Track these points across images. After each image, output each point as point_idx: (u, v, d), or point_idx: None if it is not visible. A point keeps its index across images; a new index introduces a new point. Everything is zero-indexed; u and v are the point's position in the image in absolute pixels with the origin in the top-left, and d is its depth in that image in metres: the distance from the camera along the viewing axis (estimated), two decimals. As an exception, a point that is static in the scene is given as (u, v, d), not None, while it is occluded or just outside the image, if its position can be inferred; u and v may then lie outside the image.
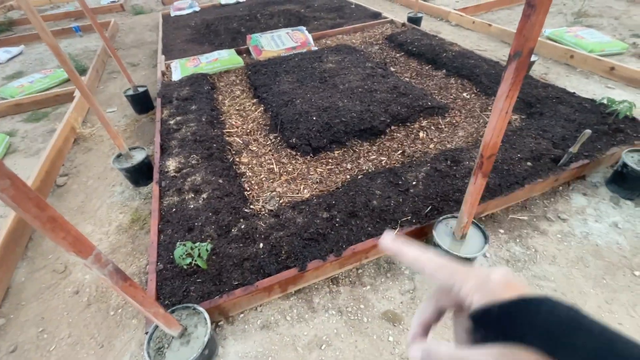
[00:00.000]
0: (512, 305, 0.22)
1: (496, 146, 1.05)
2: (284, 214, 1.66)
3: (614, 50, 3.16)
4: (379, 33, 3.84)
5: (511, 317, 0.22)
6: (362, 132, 2.23)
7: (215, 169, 1.97)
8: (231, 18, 4.67)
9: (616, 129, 1.98)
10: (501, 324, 0.22)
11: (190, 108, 2.57)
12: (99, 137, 2.74)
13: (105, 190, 2.17)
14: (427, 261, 0.29)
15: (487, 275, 0.26)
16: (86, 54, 4.57)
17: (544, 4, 0.75)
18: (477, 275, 0.26)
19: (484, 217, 1.72)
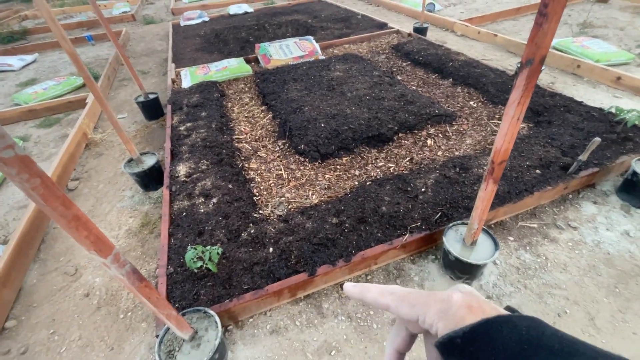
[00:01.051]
0: (474, 331, 0.23)
1: (507, 152, 1.06)
2: (293, 219, 1.67)
3: (620, 60, 3.17)
4: (385, 43, 3.89)
5: (475, 343, 0.22)
6: (369, 139, 2.25)
7: (225, 174, 1.99)
8: (240, 28, 4.77)
9: (625, 138, 1.98)
10: (467, 352, 0.22)
11: (200, 115, 2.62)
12: (109, 142, 2.78)
13: (115, 195, 2.20)
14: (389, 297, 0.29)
15: (449, 298, 0.26)
16: (98, 62, 4.68)
17: (557, 13, 0.77)
18: (438, 300, 0.26)
19: (493, 224, 1.71)
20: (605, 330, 1.28)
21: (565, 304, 1.38)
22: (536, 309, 1.37)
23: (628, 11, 4.55)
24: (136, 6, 7.77)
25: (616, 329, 1.29)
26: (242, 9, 6.11)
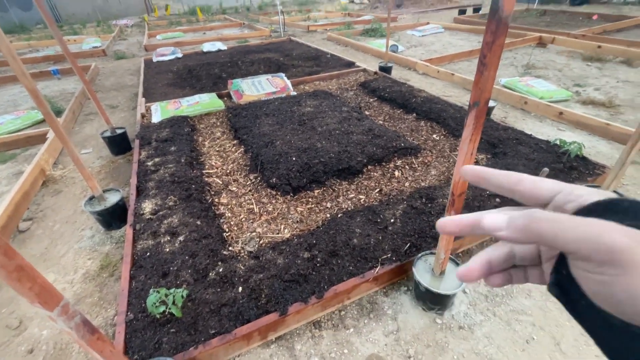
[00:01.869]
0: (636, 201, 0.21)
1: (465, 185, 1.12)
2: (264, 255, 1.63)
3: (561, 97, 3.55)
4: (353, 80, 4.12)
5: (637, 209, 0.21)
6: (340, 171, 2.31)
7: (194, 210, 1.94)
8: (213, 64, 4.88)
9: (570, 167, 2.17)
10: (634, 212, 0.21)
11: (170, 149, 2.58)
12: (70, 178, 2.64)
13: (73, 235, 2.05)
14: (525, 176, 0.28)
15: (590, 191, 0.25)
16: (63, 95, 4.55)
17: (494, 63, 0.87)
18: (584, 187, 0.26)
19: (460, 252, 1.77)
20: (571, 355, 1.32)
21: (532, 330, 1.41)
22: (506, 337, 1.39)
23: (563, 55, 5.17)
24: (108, 42, 7.78)
25: (581, 353, 1.33)
26: (216, 47, 6.30)
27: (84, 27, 11.29)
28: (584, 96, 3.62)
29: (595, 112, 3.26)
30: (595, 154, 2.57)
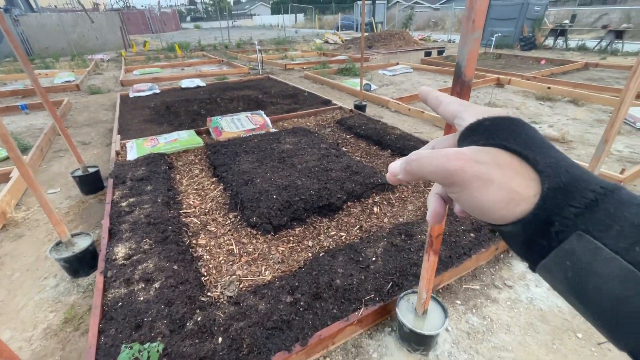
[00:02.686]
0: (500, 118, 0.26)
1: (441, 227, 1.18)
2: (245, 300, 1.58)
3: (521, 134, 3.86)
4: (330, 117, 4.29)
5: (499, 127, 0.25)
6: (321, 208, 2.33)
7: (170, 253, 1.87)
8: (192, 101, 4.93)
9: (535, 201, 2.33)
10: (489, 131, 0.26)
11: (145, 189, 2.51)
12: (34, 221, 2.49)
13: (34, 285, 1.90)
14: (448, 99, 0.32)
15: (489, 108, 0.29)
16: (30, 131, 4.38)
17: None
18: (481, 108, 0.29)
19: (441, 288, 1.80)
20: (552, 391, 1.34)
21: None
22: (490, 376, 1.40)
23: (519, 94, 5.70)
24: (82, 76, 7.70)
25: (561, 388, 1.35)
26: (195, 83, 6.39)
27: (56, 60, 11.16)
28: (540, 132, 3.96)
29: (551, 148, 3.56)
30: (556, 187, 2.78)
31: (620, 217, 0.20)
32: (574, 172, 0.22)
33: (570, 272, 0.21)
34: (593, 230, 0.20)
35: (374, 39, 13.48)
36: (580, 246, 0.20)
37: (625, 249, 0.19)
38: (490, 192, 0.23)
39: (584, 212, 0.21)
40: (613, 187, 0.21)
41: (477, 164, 0.24)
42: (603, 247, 0.19)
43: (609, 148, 1.63)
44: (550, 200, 0.22)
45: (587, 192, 0.21)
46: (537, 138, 0.25)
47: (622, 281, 0.18)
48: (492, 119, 0.26)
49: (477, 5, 0.81)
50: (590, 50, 10.72)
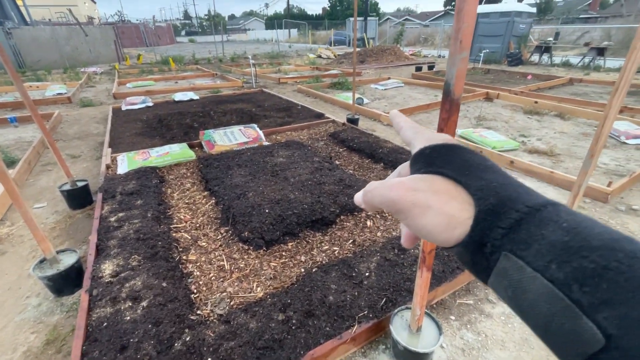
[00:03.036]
0: (439, 146, 0.28)
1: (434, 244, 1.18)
2: (236, 318, 1.54)
3: (510, 147, 3.93)
4: (323, 131, 4.32)
5: (437, 154, 0.27)
6: (314, 222, 2.32)
7: (159, 270, 1.82)
8: (185, 114, 4.93)
9: (526, 214, 2.35)
10: (429, 159, 0.28)
11: (135, 203, 2.47)
12: (18, 237, 2.41)
13: (15, 304, 1.82)
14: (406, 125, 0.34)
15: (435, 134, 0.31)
16: (19, 144, 4.31)
17: (451, 128, 0.98)
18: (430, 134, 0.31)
19: (435, 304, 1.78)
20: (549, 409, 1.32)
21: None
22: (486, 394, 1.37)
23: (508, 108, 5.84)
24: (74, 89, 7.66)
25: None
26: (188, 96, 6.41)
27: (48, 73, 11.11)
28: (529, 146, 4.05)
29: (540, 160, 3.62)
30: (545, 200, 2.81)
31: (539, 235, 0.20)
32: (503, 193, 0.23)
33: (510, 290, 0.21)
34: (517, 250, 0.21)
35: (366, 54, 13.78)
36: (509, 266, 0.21)
37: (544, 266, 0.19)
38: (429, 217, 0.25)
39: (509, 232, 0.21)
40: (539, 205, 0.22)
41: (415, 192, 0.25)
42: (526, 266, 0.20)
43: (596, 162, 1.66)
44: (481, 222, 0.23)
45: (512, 212, 0.22)
46: (473, 162, 0.26)
47: (546, 299, 0.19)
48: (432, 147, 0.28)
49: (464, 26, 0.83)
50: (574, 66, 11.11)
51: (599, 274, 0.17)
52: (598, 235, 0.19)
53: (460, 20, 0.82)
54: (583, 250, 0.18)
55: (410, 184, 0.26)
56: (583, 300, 0.17)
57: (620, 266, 0.17)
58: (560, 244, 0.19)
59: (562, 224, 0.20)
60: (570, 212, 0.21)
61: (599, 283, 0.17)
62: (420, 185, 0.26)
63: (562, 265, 0.19)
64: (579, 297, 0.18)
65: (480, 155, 0.27)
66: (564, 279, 0.18)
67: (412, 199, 0.25)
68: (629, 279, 0.17)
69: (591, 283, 0.17)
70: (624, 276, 0.17)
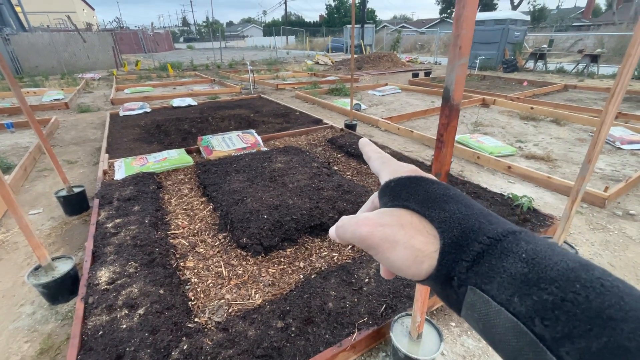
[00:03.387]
0: (403, 179, 0.29)
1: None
2: (234, 326, 1.52)
3: (507, 152, 3.96)
4: (321, 136, 4.33)
5: (401, 187, 0.28)
6: (312, 228, 2.31)
7: (157, 277, 1.80)
8: (182, 119, 4.92)
9: (524, 219, 2.35)
10: (394, 192, 0.28)
11: (133, 209, 2.45)
12: (13, 244, 2.38)
13: (8, 313, 1.79)
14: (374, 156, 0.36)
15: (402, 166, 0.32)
16: (15, 150, 4.28)
17: (450, 140, 0.98)
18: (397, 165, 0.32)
19: (435, 310, 1.77)
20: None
21: None
22: (487, 402, 1.35)
23: (504, 114, 5.89)
24: (71, 94, 7.65)
25: None
26: (186, 102, 6.41)
27: (46, 79, 11.10)
28: (526, 151, 4.07)
29: (537, 166, 3.65)
30: (544, 205, 2.83)
31: (500, 268, 0.20)
32: (465, 224, 0.23)
33: (480, 323, 0.21)
34: (481, 284, 0.21)
35: (363, 60, 13.90)
36: (476, 299, 0.21)
37: (507, 300, 0.19)
38: (398, 252, 0.25)
39: (472, 265, 0.21)
40: (500, 235, 0.22)
41: (383, 227, 0.26)
42: (491, 300, 0.20)
43: (593, 167, 1.68)
44: (446, 255, 0.23)
45: (474, 245, 0.22)
46: (436, 193, 0.27)
47: (514, 334, 0.19)
48: (397, 180, 0.29)
49: (463, 33, 0.84)
50: (568, 72, 11.27)
51: (558, 306, 0.17)
52: (555, 265, 0.19)
53: (460, 27, 0.83)
54: (541, 282, 0.18)
55: (377, 220, 0.26)
56: (545, 334, 0.17)
57: (577, 297, 0.17)
58: (520, 276, 0.19)
59: (522, 255, 0.20)
60: (530, 240, 0.21)
61: (559, 316, 0.17)
62: (387, 219, 0.26)
63: (523, 298, 0.19)
64: (541, 331, 0.17)
65: (444, 185, 0.28)
66: (526, 313, 0.18)
67: (380, 234, 0.25)
68: (586, 310, 0.17)
69: (551, 316, 0.17)
70: (581, 307, 0.17)
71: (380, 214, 0.27)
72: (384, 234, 0.25)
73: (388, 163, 0.33)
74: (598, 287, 0.17)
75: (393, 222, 0.26)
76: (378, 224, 0.26)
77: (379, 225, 0.26)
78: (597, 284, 0.17)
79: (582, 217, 2.63)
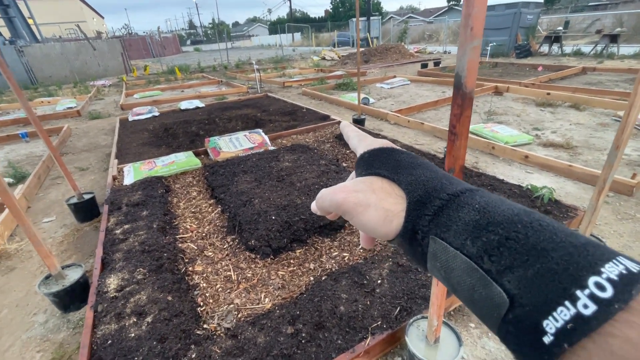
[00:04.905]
0: (376, 150, 0.32)
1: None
2: (243, 332, 1.48)
3: (524, 141, 3.78)
4: (329, 133, 4.25)
5: (374, 158, 0.31)
6: (322, 228, 2.24)
7: (165, 283, 1.78)
8: (190, 122, 4.93)
9: (545, 211, 2.23)
10: (367, 162, 0.31)
11: (141, 214, 2.44)
12: (27, 252, 2.41)
13: (22, 322, 1.80)
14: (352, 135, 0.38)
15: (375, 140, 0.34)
16: (30, 159, 4.38)
17: (464, 133, 0.89)
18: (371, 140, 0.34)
19: (452, 311, 1.68)
20: None
21: None
22: (513, 410, 1.27)
23: (519, 101, 5.66)
24: (83, 102, 7.80)
25: None
26: (194, 104, 6.43)
27: (59, 88, 11.37)
28: (544, 139, 3.89)
29: (556, 154, 3.47)
30: (565, 195, 2.68)
31: (456, 217, 0.23)
32: (429, 185, 0.26)
33: (442, 271, 0.23)
34: (440, 233, 0.23)
35: (370, 53, 13.68)
36: (437, 248, 0.23)
37: (462, 244, 0.21)
38: (370, 214, 0.27)
39: (433, 218, 0.24)
40: (458, 192, 0.24)
41: (356, 192, 0.28)
42: (448, 245, 0.22)
43: (622, 154, 1.55)
44: (412, 212, 0.25)
45: (436, 201, 0.24)
46: (405, 161, 0.29)
47: (467, 272, 0.21)
48: (370, 151, 0.32)
49: (475, 12, 0.75)
50: (586, 55, 10.78)
51: (503, 244, 0.20)
52: (502, 212, 0.22)
53: (470, 5, 0.74)
54: (490, 225, 0.21)
55: (351, 187, 0.29)
56: (492, 268, 0.20)
57: (518, 235, 0.20)
58: (473, 223, 0.22)
59: (475, 206, 0.23)
60: (484, 195, 0.24)
61: (503, 252, 0.20)
62: (361, 186, 0.29)
63: (474, 241, 0.21)
64: (489, 267, 0.20)
65: (412, 154, 0.31)
66: (477, 253, 0.21)
67: (354, 199, 0.28)
68: (524, 245, 0.19)
69: (497, 253, 0.20)
70: (520, 243, 0.19)
71: (355, 182, 0.30)
72: (357, 199, 0.28)
73: (364, 139, 0.35)
74: (536, 226, 0.20)
75: (365, 187, 0.28)
76: (352, 190, 0.28)
77: (354, 191, 0.28)
78: (535, 224, 0.20)
79: (609, 207, 2.48)
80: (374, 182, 0.29)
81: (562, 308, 0.16)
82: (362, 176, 0.30)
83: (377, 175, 0.29)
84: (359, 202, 0.27)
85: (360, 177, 0.31)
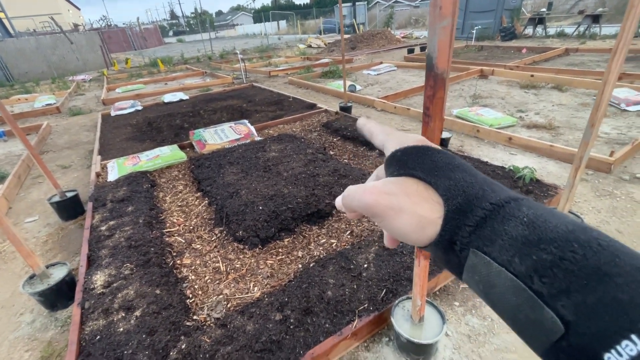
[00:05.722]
0: (409, 148, 0.29)
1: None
2: (232, 321, 1.49)
3: (507, 123, 3.84)
4: (316, 121, 4.23)
5: (407, 156, 0.28)
6: (309, 216, 2.26)
7: (153, 277, 1.77)
8: (174, 115, 4.84)
9: (527, 191, 2.28)
10: (400, 162, 0.28)
11: (126, 210, 2.41)
12: (10, 253, 2.37)
13: (8, 322, 1.78)
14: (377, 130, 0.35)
15: (407, 136, 0.31)
16: (9, 159, 4.25)
17: (438, 114, 0.90)
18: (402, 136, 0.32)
19: (437, 291, 1.73)
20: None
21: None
22: (495, 381, 1.32)
23: (504, 84, 5.70)
24: (62, 98, 7.55)
25: None
26: (177, 97, 6.30)
27: (37, 84, 10.97)
28: (527, 121, 3.95)
29: (539, 135, 3.53)
30: (547, 175, 2.74)
31: (502, 231, 0.21)
32: (470, 191, 0.24)
33: (481, 285, 0.22)
34: (483, 246, 0.21)
35: (356, 40, 13.52)
36: (477, 262, 0.22)
37: (508, 261, 0.20)
38: (403, 219, 0.25)
39: (475, 229, 0.22)
40: (502, 201, 0.23)
41: (388, 195, 0.26)
42: (492, 261, 0.21)
43: (597, 132, 1.58)
44: (450, 221, 0.24)
45: (478, 210, 0.23)
46: (442, 162, 0.27)
47: (512, 292, 0.20)
48: (403, 149, 0.29)
49: (443, -9, 0.74)
50: (570, 36, 10.87)
51: (556, 264, 0.18)
52: (555, 227, 0.20)
53: (438, -16, 0.73)
54: (541, 242, 0.19)
55: (383, 188, 0.27)
56: (543, 290, 0.18)
57: (575, 256, 0.18)
58: (521, 238, 0.20)
59: (523, 219, 0.21)
60: (531, 206, 0.22)
61: (557, 273, 0.18)
62: (393, 188, 0.27)
63: (523, 258, 0.19)
64: (539, 288, 0.18)
65: (450, 154, 0.28)
66: (526, 272, 0.19)
67: (386, 202, 0.26)
68: (583, 268, 0.17)
69: (549, 274, 0.18)
70: (578, 265, 0.18)
71: (386, 183, 0.27)
72: (390, 202, 0.26)
73: (393, 135, 0.33)
74: (595, 247, 0.18)
75: (398, 190, 0.26)
76: (384, 192, 0.26)
77: (385, 193, 0.26)
78: (594, 243, 0.18)
79: (587, 185, 2.55)
80: (408, 184, 0.27)
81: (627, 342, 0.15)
82: (394, 176, 0.28)
83: (411, 176, 0.27)
84: (391, 205, 0.26)
85: (392, 177, 0.28)
